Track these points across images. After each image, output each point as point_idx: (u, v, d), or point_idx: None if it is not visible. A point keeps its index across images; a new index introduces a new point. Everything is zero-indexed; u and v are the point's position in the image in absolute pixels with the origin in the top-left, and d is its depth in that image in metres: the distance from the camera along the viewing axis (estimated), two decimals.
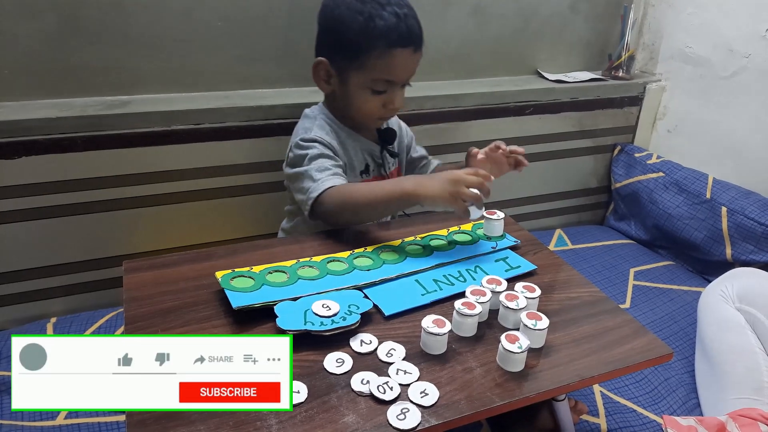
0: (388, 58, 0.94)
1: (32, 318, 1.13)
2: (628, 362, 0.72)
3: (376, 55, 0.94)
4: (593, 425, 0.97)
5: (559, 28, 1.50)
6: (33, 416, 0.88)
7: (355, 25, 0.94)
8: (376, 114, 1.01)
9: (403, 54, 0.95)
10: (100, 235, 1.13)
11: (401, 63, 0.96)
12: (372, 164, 1.07)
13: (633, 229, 1.60)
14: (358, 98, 0.99)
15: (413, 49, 0.96)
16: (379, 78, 0.96)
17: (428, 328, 0.69)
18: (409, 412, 0.61)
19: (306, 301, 0.74)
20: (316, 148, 0.97)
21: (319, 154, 0.96)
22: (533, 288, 0.79)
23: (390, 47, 0.94)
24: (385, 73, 0.96)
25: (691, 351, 1.15)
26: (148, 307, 0.74)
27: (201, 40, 1.14)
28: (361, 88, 0.98)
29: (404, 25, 0.94)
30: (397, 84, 0.98)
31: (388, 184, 0.91)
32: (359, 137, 1.05)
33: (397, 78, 0.97)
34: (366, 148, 1.06)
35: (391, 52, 0.94)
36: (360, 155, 1.05)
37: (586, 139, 1.59)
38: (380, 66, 0.95)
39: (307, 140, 0.98)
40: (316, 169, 0.94)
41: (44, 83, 1.07)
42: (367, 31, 0.93)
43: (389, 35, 0.93)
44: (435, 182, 0.85)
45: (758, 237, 1.29)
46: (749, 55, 1.38)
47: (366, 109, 1.00)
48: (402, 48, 0.94)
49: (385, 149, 1.08)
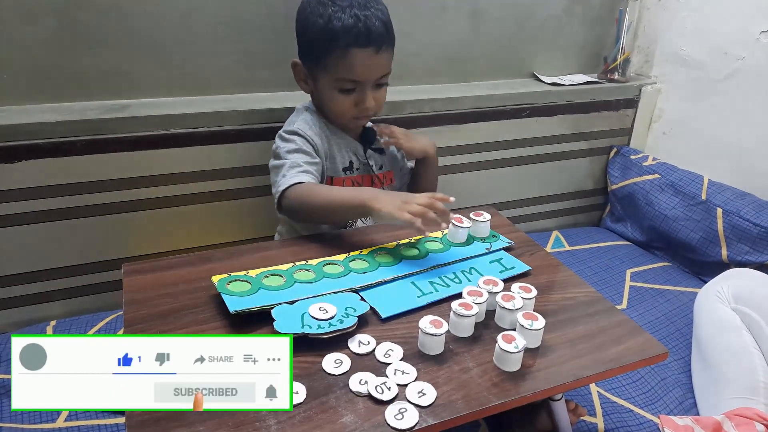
0: (346, 58, 0.96)
1: (32, 321, 1.13)
2: (623, 362, 0.73)
3: (336, 55, 0.97)
4: (590, 425, 0.97)
5: (555, 31, 1.51)
6: (33, 419, 0.89)
7: (315, 27, 0.97)
8: (348, 113, 1.02)
9: (362, 54, 0.96)
10: (99, 238, 1.14)
11: (360, 63, 0.97)
12: (357, 162, 1.09)
13: (629, 230, 1.61)
14: (328, 98, 1.02)
15: (374, 50, 0.97)
16: (342, 77, 0.98)
17: (425, 329, 0.70)
18: (407, 412, 0.62)
19: (303, 304, 0.75)
20: (295, 142, 1.00)
21: (296, 149, 0.99)
22: (529, 288, 0.80)
23: (347, 47, 0.95)
24: (346, 73, 0.98)
25: (688, 351, 1.16)
26: (147, 309, 0.75)
27: (199, 45, 1.14)
28: (329, 89, 1.00)
29: (362, 26, 0.95)
30: (365, 83, 0.99)
31: (347, 190, 0.94)
32: (344, 135, 1.07)
33: (360, 78, 0.98)
34: (350, 146, 1.08)
35: (348, 53, 0.96)
36: (343, 152, 1.07)
37: (582, 142, 1.60)
38: (340, 66, 0.97)
39: (289, 132, 1.01)
40: (288, 165, 0.96)
41: (44, 87, 1.07)
42: (325, 32, 0.96)
43: (346, 36, 0.95)
44: (389, 196, 0.87)
45: (753, 238, 1.30)
46: (743, 57, 1.39)
47: (337, 109, 1.02)
48: (360, 48, 0.96)
49: (368, 148, 1.09)
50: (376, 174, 1.10)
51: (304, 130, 1.01)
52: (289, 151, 0.99)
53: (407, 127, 1.24)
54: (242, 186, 1.22)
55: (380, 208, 0.85)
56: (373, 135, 1.10)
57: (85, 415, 0.90)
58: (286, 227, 1.11)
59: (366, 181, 1.10)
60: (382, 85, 1.03)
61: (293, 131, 1.01)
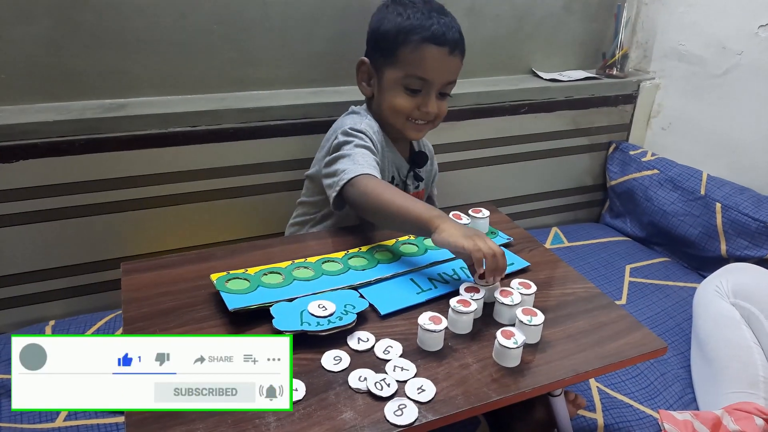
0: (420, 52, 0.97)
1: (31, 321, 1.13)
2: (622, 356, 0.73)
3: (409, 49, 0.97)
4: (590, 420, 0.98)
5: (553, 27, 1.51)
6: (32, 419, 0.89)
7: (393, 23, 0.99)
8: (406, 111, 1.00)
9: (437, 52, 0.97)
10: (98, 237, 1.14)
11: (434, 60, 0.97)
12: (397, 179, 1.09)
13: (628, 226, 1.61)
14: (392, 96, 1.00)
15: (448, 51, 0.98)
16: (412, 74, 0.98)
17: (425, 325, 0.70)
18: (407, 408, 0.62)
19: (302, 301, 0.75)
20: (363, 139, 0.97)
21: (364, 146, 0.96)
22: (529, 284, 0.80)
23: (423, 42, 0.96)
24: (418, 69, 0.98)
25: (687, 346, 1.16)
26: (146, 308, 0.75)
27: (197, 43, 1.14)
28: (395, 86, 1.00)
29: (439, 26, 0.97)
30: (432, 84, 0.99)
31: (419, 202, 0.85)
32: (392, 148, 1.07)
33: (430, 76, 0.98)
34: (395, 161, 1.08)
35: (423, 47, 0.96)
36: (389, 166, 1.06)
37: (581, 138, 1.60)
38: (412, 61, 0.97)
39: (357, 130, 0.98)
40: (360, 155, 0.92)
41: (41, 87, 1.07)
42: (403, 26, 0.97)
43: (423, 31, 0.96)
44: (459, 228, 0.78)
45: (752, 233, 1.30)
46: (742, 52, 1.39)
47: (397, 106, 1.00)
48: (435, 45, 0.97)
49: (412, 170, 1.09)
50: (411, 193, 1.10)
51: (369, 133, 0.99)
52: (357, 146, 0.95)
53: None
54: (241, 184, 1.21)
55: (445, 229, 0.78)
56: (424, 160, 1.11)
57: (85, 414, 0.90)
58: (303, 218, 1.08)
59: None
60: (445, 95, 1.03)
61: (361, 130, 0.98)
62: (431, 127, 1.06)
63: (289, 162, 1.22)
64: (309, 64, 1.25)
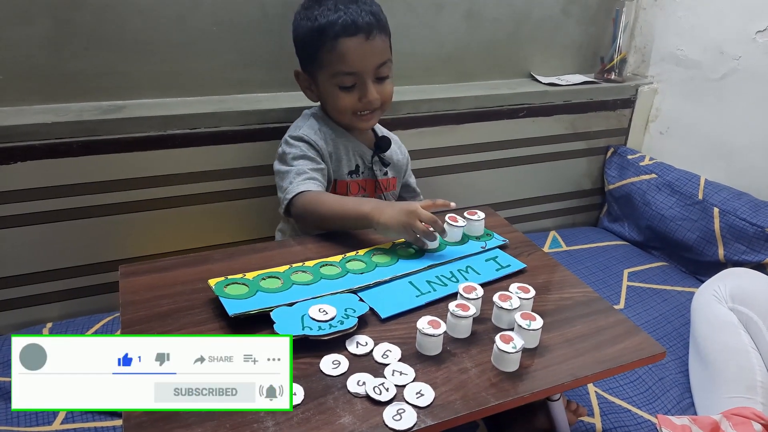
0: (336, 49, 0.97)
1: (28, 323, 1.13)
2: (621, 361, 0.73)
3: (327, 49, 0.97)
4: (588, 425, 0.97)
5: (552, 31, 1.51)
6: (30, 421, 0.88)
7: (305, 29, 1.00)
8: (350, 107, 1.01)
9: (352, 42, 0.96)
10: (96, 240, 1.14)
11: (353, 52, 0.97)
12: (362, 166, 1.09)
13: (626, 230, 1.61)
14: (332, 98, 1.02)
15: (364, 37, 0.97)
16: (338, 71, 0.98)
17: (423, 329, 0.70)
18: (405, 413, 0.62)
19: (302, 306, 0.74)
20: (300, 148, 1.00)
21: (301, 155, 1.00)
22: (527, 289, 0.80)
23: (336, 38, 0.96)
24: (341, 66, 0.98)
25: (685, 351, 1.16)
26: (144, 311, 0.74)
27: (196, 45, 1.14)
28: (330, 88, 1.01)
29: (346, 17, 0.96)
30: (362, 75, 0.99)
31: (351, 201, 0.94)
32: (351, 138, 1.07)
33: (354, 68, 0.98)
34: (357, 149, 1.08)
35: (337, 43, 0.96)
36: (351, 155, 1.07)
37: (579, 142, 1.60)
38: (333, 59, 0.98)
39: (294, 138, 1.02)
40: (295, 172, 0.98)
41: (40, 89, 1.07)
42: (314, 30, 0.98)
43: (332, 28, 0.96)
44: (391, 210, 0.87)
45: (750, 237, 1.30)
46: (740, 57, 1.39)
47: (339, 105, 1.02)
48: (348, 37, 0.96)
49: (376, 155, 1.09)
50: (379, 179, 1.10)
51: (309, 135, 1.02)
52: (294, 157, 1.00)
53: (405, 128, 1.24)
54: (239, 187, 1.21)
55: (383, 222, 0.87)
56: (387, 144, 1.10)
57: (82, 417, 0.90)
58: (289, 225, 1.11)
59: (370, 185, 1.10)
60: (383, 78, 1.02)
61: (299, 137, 1.02)
62: (381, 113, 1.06)
63: None
64: None
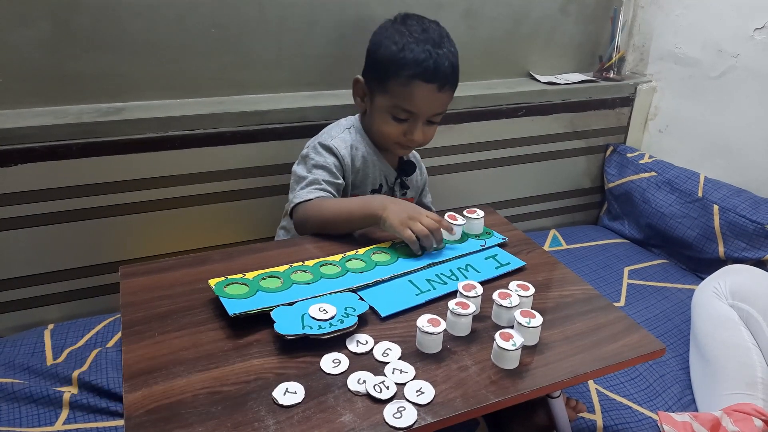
0: (409, 88, 0.97)
1: (29, 325, 1.13)
2: (620, 358, 0.73)
3: (400, 83, 0.98)
4: (589, 422, 0.98)
5: (550, 30, 1.51)
6: (31, 421, 0.88)
7: (388, 51, 0.99)
8: (393, 138, 1.03)
9: (425, 89, 0.98)
10: (96, 241, 1.14)
11: (421, 97, 0.98)
12: (385, 186, 1.10)
13: (627, 228, 1.61)
14: (380, 120, 1.03)
15: (437, 87, 0.98)
16: (399, 106, 0.99)
17: (423, 328, 0.70)
18: (406, 411, 0.62)
19: (302, 305, 0.75)
20: (324, 158, 1.01)
21: (322, 165, 1.00)
22: (527, 286, 0.80)
23: (412, 78, 0.97)
24: (405, 103, 0.99)
25: (686, 348, 1.16)
26: (145, 311, 0.75)
27: (194, 47, 1.14)
28: (383, 111, 1.02)
29: (432, 62, 0.97)
30: (419, 116, 1.00)
31: (357, 200, 0.96)
32: (381, 158, 1.09)
33: (416, 110, 0.99)
34: (384, 170, 1.09)
35: (412, 83, 0.97)
36: (377, 174, 1.08)
37: (579, 140, 1.60)
38: (401, 94, 0.98)
39: (324, 146, 1.03)
40: (310, 180, 0.99)
41: (39, 91, 1.07)
42: (396, 59, 0.97)
43: (414, 67, 0.96)
44: (397, 208, 0.89)
45: (750, 234, 1.30)
46: (738, 54, 1.39)
47: (384, 131, 1.03)
48: (424, 82, 0.97)
49: (399, 178, 1.11)
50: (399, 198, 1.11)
51: (339, 148, 1.02)
52: (316, 165, 1.01)
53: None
54: (239, 188, 1.22)
55: (387, 217, 0.88)
56: (412, 169, 1.13)
57: (84, 417, 0.90)
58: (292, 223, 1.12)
59: None
60: (433, 122, 1.04)
61: (329, 147, 1.02)
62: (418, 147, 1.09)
63: (287, 165, 1.21)
64: (307, 68, 1.25)
